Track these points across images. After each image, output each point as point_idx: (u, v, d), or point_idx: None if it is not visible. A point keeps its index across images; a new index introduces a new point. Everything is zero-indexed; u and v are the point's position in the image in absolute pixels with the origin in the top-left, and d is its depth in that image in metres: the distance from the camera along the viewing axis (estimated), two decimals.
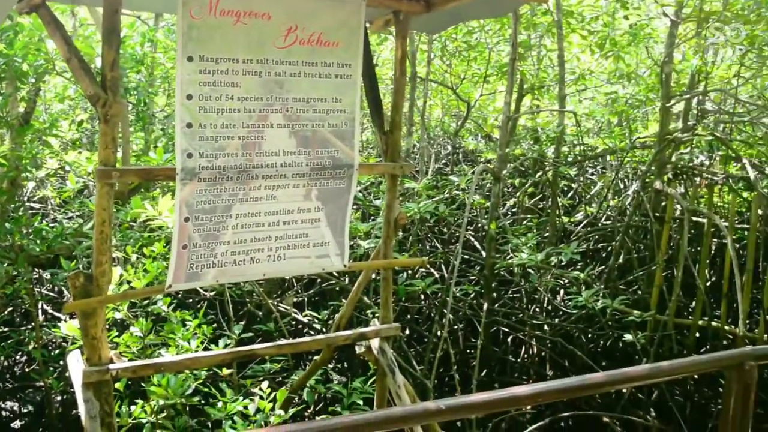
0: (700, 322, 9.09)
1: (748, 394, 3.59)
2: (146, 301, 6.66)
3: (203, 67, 4.16)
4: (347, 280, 8.75)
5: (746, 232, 9.33)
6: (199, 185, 4.26)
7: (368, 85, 5.05)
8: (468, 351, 9.04)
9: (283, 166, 4.48)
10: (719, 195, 10.82)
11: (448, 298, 7.76)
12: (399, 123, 5.18)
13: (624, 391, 8.61)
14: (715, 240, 10.33)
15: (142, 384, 6.08)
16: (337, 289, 8.99)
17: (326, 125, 4.59)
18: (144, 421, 5.72)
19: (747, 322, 8.79)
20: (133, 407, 5.72)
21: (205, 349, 6.02)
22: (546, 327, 9.15)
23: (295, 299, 9.12)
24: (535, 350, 9.23)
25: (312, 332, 8.47)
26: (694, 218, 9.33)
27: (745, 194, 10.23)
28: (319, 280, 9.19)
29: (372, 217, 9.52)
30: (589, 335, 9.12)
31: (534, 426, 7.93)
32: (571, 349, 8.72)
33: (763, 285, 9.20)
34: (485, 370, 8.85)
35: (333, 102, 4.60)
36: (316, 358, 6.48)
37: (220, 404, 5.77)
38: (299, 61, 4.44)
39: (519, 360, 9.22)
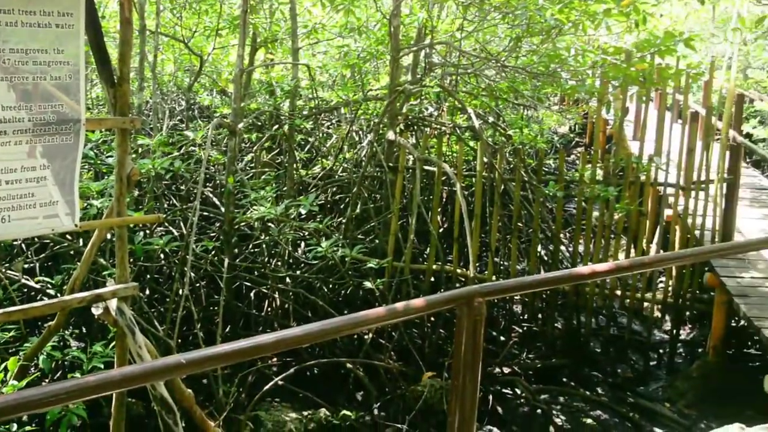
0: (434, 267, 9.49)
1: (478, 329, 3.77)
2: None
3: None
4: (81, 242, 8.40)
5: (473, 179, 9.80)
6: None
7: (92, 36, 4.82)
8: (211, 308, 8.97)
9: (2, 122, 4.20)
10: (448, 144, 11.30)
11: (188, 256, 7.63)
12: (127, 75, 4.99)
13: (366, 337, 8.87)
14: (446, 188, 10.80)
15: None
16: (71, 252, 8.61)
17: (49, 78, 4.33)
18: None
19: (477, 264, 9.28)
20: None
21: None
22: (288, 279, 9.23)
23: (25, 265, 8.64)
24: (278, 303, 9.29)
25: (45, 298, 8.07)
26: (426, 167, 9.69)
27: (471, 143, 10.73)
28: (51, 243, 8.76)
29: (105, 176, 9.17)
30: (330, 285, 9.29)
31: (280, 377, 8.02)
32: (314, 300, 8.85)
33: (490, 229, 9.74)
34: (229, 326, 8.82)
35: (55, 53, 4.35)
36: (50, 323, 6.19)
37: None
38: (15, 10, 4.15)
39: (263, 314, 9.25)
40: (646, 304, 10.34)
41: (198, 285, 8.91)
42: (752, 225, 11.34)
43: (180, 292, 7.67)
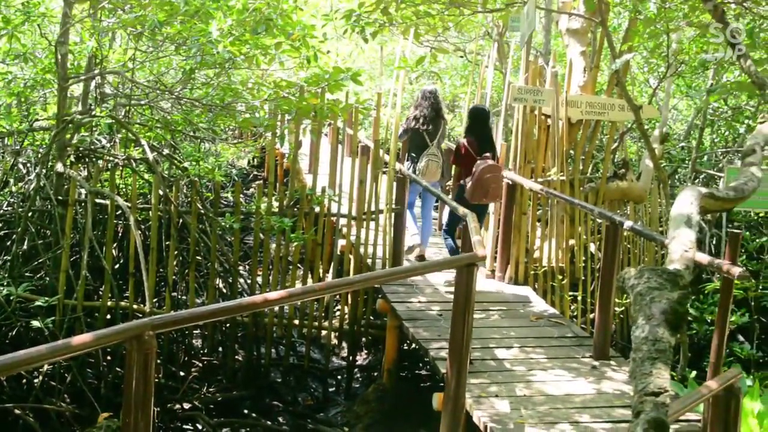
0: (109, 303, 9.19)
1: (149, 363, 3.72)
2: None
3: None
4: None
5: (149, 213, 9.63)
6: None
7: None
8: None
9: None
10: (122, 177, 11.02)
11: None
12: None
13: (36, 380, 8.42)
14: (120, 221, 10.51)
15: None
16: None
17: None
18: None
19: (155, 299, 9.10)
20: None
21: None
22: None
23: None
24: None
25: None
26: (99, 200, 9.39)
27: (146, 176, 10.54)
28: None
29: None
30: None
31: None
32: None
33: (167, 262, 9.60)
34: None
35: None
36: None
37: None
38: None
39: None
40: (323, 332, 10.62)
41: None
42: None
43: None
